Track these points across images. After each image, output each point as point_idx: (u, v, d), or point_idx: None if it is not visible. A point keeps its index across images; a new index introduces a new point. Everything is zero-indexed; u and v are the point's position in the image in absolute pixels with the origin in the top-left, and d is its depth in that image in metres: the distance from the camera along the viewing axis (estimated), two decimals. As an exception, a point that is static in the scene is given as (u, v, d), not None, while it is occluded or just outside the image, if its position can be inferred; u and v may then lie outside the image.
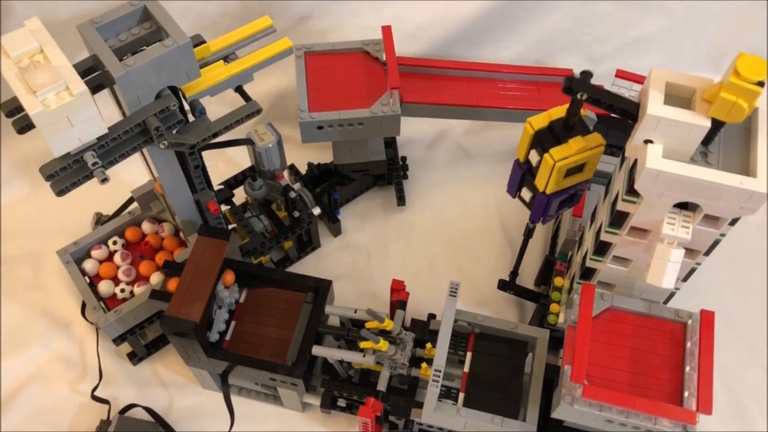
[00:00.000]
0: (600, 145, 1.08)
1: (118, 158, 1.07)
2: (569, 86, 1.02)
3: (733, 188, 0.94)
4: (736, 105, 0.90)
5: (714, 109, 0.92)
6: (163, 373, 1.46)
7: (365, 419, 1.22)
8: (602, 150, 1.09)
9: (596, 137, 1.09)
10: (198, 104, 1.15)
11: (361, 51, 1.52)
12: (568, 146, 1.07)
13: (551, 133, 1.10)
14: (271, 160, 1.43)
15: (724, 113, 0.92)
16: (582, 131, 1.09)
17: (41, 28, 0.97)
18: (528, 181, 1.18)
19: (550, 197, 1.14)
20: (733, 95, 0.89)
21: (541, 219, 1.20)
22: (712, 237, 1.05)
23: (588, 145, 1.08)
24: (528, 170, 1.17)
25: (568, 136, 1.08)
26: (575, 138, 1.08)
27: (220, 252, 1.25)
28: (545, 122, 1.10)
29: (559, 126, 1.09)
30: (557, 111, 1.11)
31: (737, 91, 0.89)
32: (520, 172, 1.18)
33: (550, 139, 1.09)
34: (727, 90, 0.90)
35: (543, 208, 1.16)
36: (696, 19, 1.76)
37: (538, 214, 1.19)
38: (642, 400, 1.04)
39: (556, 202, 1.16)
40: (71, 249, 1.38)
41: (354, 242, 1.65)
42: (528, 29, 1.77)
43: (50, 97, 0.92)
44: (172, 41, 1.01)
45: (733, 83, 0.88)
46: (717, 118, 0.93)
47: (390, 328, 1.21)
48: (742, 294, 1.56)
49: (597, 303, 1.15)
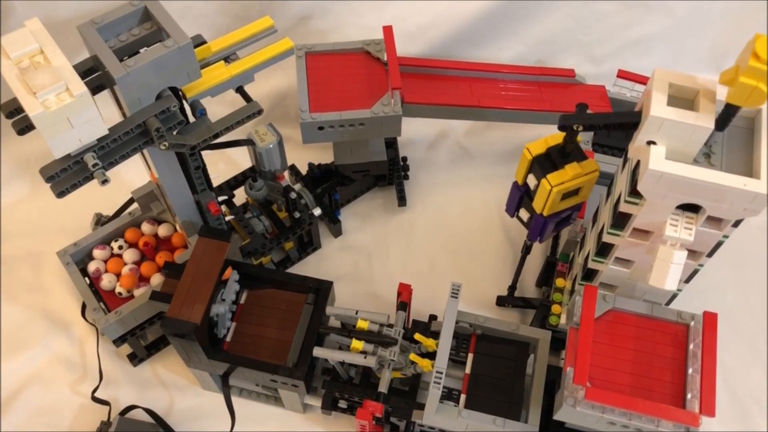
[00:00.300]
0: (594, 170, 1.14)
1: (118, 159, 1.06)
2: (564, 124, 1.09)
3: (737, 190, 0.93)
4: (757, 89, 0.87)
5: (732, 95, 0.90)
6: (163, 374, 1.46)
7: (363, 422, 1.22)
8: (597, 176, 1.15)
9: (591, 163, 1.15)
10: (199, 105, 1.15)
11: (362, 51, 1.52)
12: (564, 172, 1.13)
13: (548, 159, 1.16)
14: (271, 160, 1.42)
15: (743, 98, 0.89)
16: (578, 157, 1.15)
17: (41, 29, 0.96)
18: (526, 202, 1.23)
19: (546, 219, 1.19)
20: (753, 79, 0.86)
21: (538, 238, 1.25)
22: (715, 239, 1.05)
23: (583, 171, 1.14)
24: (526, 192, 1.23)
25: (564, 162, 1.14)
26: (571, 164, 1.14)
27: (221, 253, 1.25)
28: (543, 149, 1.16)
29: (556, 152, 1.15)
30: (554, 138, 1.16)
31: (757, 75, 0.86)
32: (518, 194, 1.24)
33: (548, 164, 1.15)
34: (746, 74, 0.86)
35: (540, 228, 1.22)
36: (697, 19, 1.76)
37: (536, 233, 1.24)
38: (645, 403, 1.04)
39: (553, 223, 1.22)
40: (71, 250, 1.38)
41: (355, 243, 1.65)
42: (529, 29, 1.77)
43: (50, 98, 0.91)
44: (172, 42, 1.01)
45: (752, 67, 0.85)
46: (735, 104, 0.91)
47: (433, 349, 1.23)
48: (744, 295, 1.56)
49: (599, 304, 1.15)
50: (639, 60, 1.78)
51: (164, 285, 1.27)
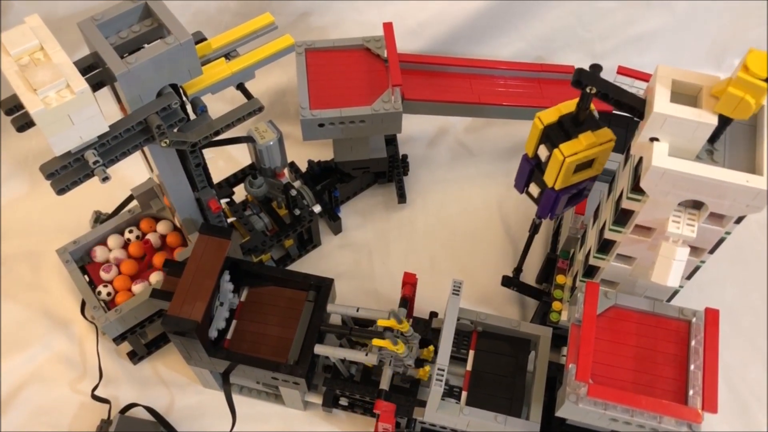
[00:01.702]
0: (610, 140, 1.08)
1: (119, 157, 1.05)
2: (579, 79, 1.01)
3: (739, 186, 0.93)
4: (744, 101, 0.89)
5: (721, 105, 0.91)
6: (163, 372, 1.45)
7: (386, 425, 1.21)
8: (612, 145, 1.09)
9: (606, 132, 1.08)
10: (199, 102, 1.14)
11: (362, 48, 1.51)
12: (578, 141, 1.07)
13: (561, 128, 1.09)
14: (271, 157, 1.42)
15: (730, 109, 0.91)
16: (592, 126, 1.08)
17: (41, 26, 0.96)
18: (536, 176, 1.17)
19: (558, 193, 1.13)
20: (740, 91, 0.89)
21: (549, 215, 1.19)
22: (717, 235, 1.05)
23: (598, 140, 1.07)
24: (536, 166, 1.16)
25: (577, 131, 1.08)
26: (585, 133, 1.07)
27: (222, 251, 1.25)
28: (555, 117, 1.10)
29: (569, 121, 1.09)
30: (567, 106, 1.10)
31: (745, 86, 0.88)
32: (528, 167, 1.18)
33: (560, 134, 1.09)
34: (734, 85, 0.89)
35: (551, 204, 1.16)
36: (698, 16, 1.76)
37: (546, 209, 1.18)
38: (647, 399, 1.04)
39: (565, 198, 1.16)
40: (71, 248, 1.37)
41: (355, 240, 1.64)
42: (529, 26, 1.77)
43: (51, 95, 0.91)
44: (173, 38, 1.00)
45: (741, 78, 0.88)
46: (724, 114, 0.92)
47: (406, 330, 1.21)
48: (745, 292, 1.56)
49: (601, 301, 1.15)
50: (639, 57, 1.78)
51: (165, 283, 1.27)
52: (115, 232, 1.41)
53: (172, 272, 1.27)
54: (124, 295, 1.33)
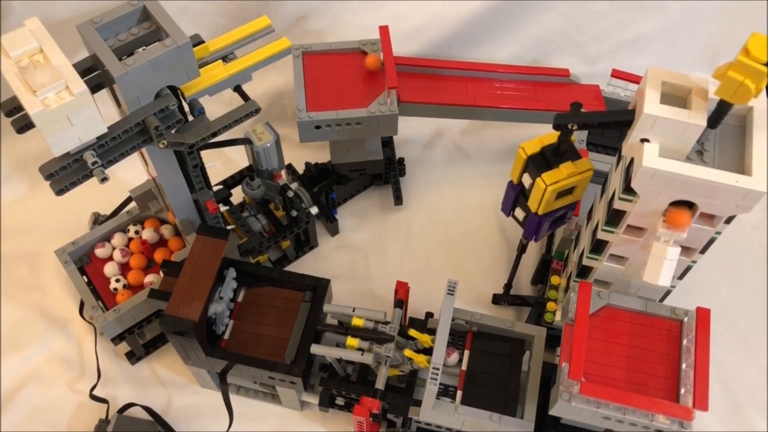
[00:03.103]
0: (589, 170, 1.15)
1: (117, 158, 1.07)
2: (558, 123, 1.10)
3: (729, 186, 0.95)
4: (743, 85, 0.88)
5: (721, 89, 0.91)
6: (161, 372, 1.46)
7: (360, 418, 1.23)
8: (591, 174, 1.16)
9: (585, 162, 1.16)
10: (197, 104, 1.15)
11: (358, 51, 1.53)
12: (559, 171, 1.14)
13: (543, 158, 1.17)
14: (269, 159, 1.43)
15: (730, 93, 0.90)
16: (572, 156, 1.16)
17: (41, 28, 0.97)
18: (521, 201, 1.25)
19: (541, 218, 1.20)
20: (740, 75, 0.88)
21: (534, 237, 1.26)
22: (708, 235, 1.06)
23: (577, 170, 1.15)
24: (521, 191, 1.24)
25: (559, 161, 1.15)
26: (566, 163, 1.15)
27: (219, 251, 1.26)
28: (537, 148, 1.17)
29: (551, 151, 1.16)
30: (548, 137, 1.17)
31: (745, 70, 0.87)
32: (513, 193, 1.25)
33: (542, 163, 1.16)
34: (735, 69, 0.88)
35: (535, 227, 1.23)
36: (691, 19, 1.78)
37: (531, 232, 1.25)
38: (639, 397, 1.05)
39: (548, 222, 1.23)
40: (69, 248, 1.38)
41: (351, 241, 1.66)
42: (524, 29, 1.78)
43: (50, 97, 0.92)
44: (171, 41, 1.01)
45: (741, 62, 0.86)
46: (723, 99, 0.92)
47: (428, 344, 1.24)
48: (738, 291, 1.57)
49: (594, 301, 1.16)
50: (633, 59, 1.79)
51: (162, 283, 1.28)
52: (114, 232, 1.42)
53: (169, 272, 1.28)
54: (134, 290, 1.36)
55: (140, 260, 1.39)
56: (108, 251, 1.40)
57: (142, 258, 1.39)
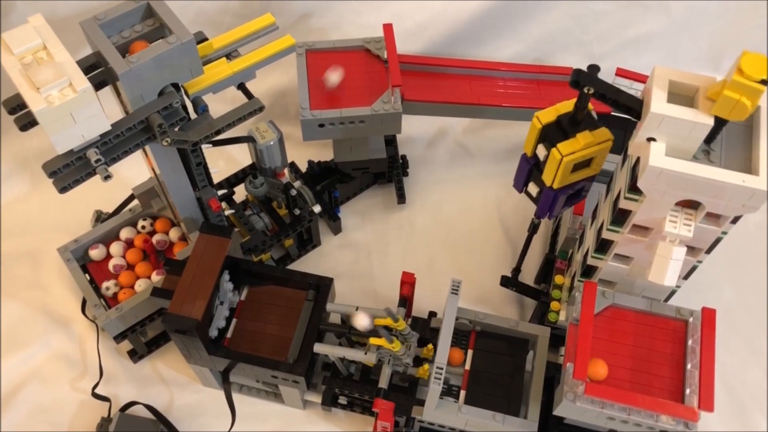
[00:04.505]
0: (608, 139, 1.09)
1: (120, 155, 1.06)
2: (577, 79, 1.02)
3: (736, 186, 0.94)
4: (740, 103, 0.90)
5: (717, 108, 0.92)
6: (163, 370, 1.46)
7: (385, 423, 1.22)
8: (610, 145, 1.09)
9: (604, 132, 1.09)
10: (200, 101, 1.15)
11: (362, 49, 1.52)
12: (575, 141, 1.08)
13: (559, 128, 1.10)
14: (272, 157, 1.43)
15: (727, 111, 0.92)
16: (590, 126, 1.09)
17: (44, 25, 0.96)
18: (535, 175, 1.18)
19: (557, 192, 1.14)
20: (736, 93, 0.90)
21: (548, 214, 1.20)
22: (714, 235, 1.06)
23: (596, 139, 1.08)
24: (535, 165, 1.17)
25: (575, 130, 1.08)
26: (583, 133, 1.08)
27: (222, 249, 1.25)
28: (553, 116, 1.11)
29: (567, 120, 1.10)
30: (565, 105, 1.11)
31: (740, 89, 0.89)
32: (527, 167, 1.18)
33: (558, 133, 1.10)
34: (730, 88, 0.90)
35: (550, 203, 1.17)
36: (695, 18, 1.77)
37: (545, 209, 1.19)
38: (644, 398, 1.05)
39: (563, 198, 1.16)
40: (72, 246, 1.38)
41: (354, 240, 1.65)
42: (528, 28, 1.77)
43: (54, 94, 0.92)
44: (175, 38, 1.01)
45: (736, 81, 0.89)
46: (720, 116, 0.93)
47: (402, 328, 1.22)
48: (742, 292, 1.56)
49: (599, 301, 1.15)
50: (637, 59, 1.79)
51: (165, 281, 1.28)
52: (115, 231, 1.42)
53: (172, 271, 1.27)
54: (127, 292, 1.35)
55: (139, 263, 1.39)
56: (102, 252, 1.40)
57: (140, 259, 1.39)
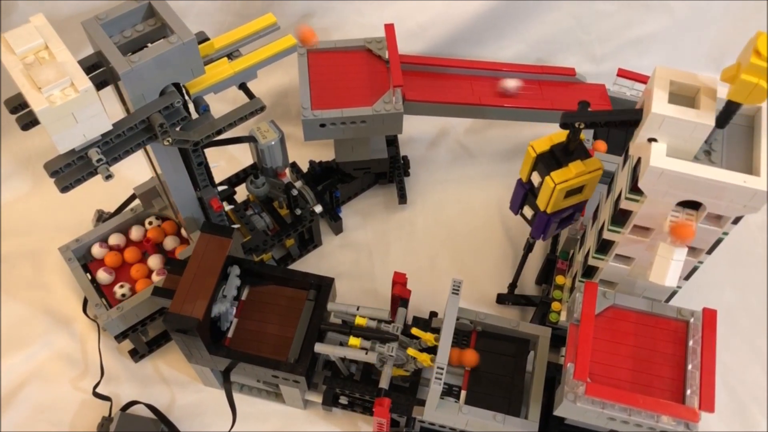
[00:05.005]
0: (598, 168, 1.15)
1: (122, 155, 1.06)
2: (566, 122, 1.09)
3: (737, 187, 0.94)
4: (758, 87, 0.88)
5: (733, 92, 0.91)
6: (164, 370, 1.46)
7: (381, 420, 1.22)
8: (600, 173, 1.16)
9: (594, 161, 1.15)
10: (202, 101, 1.15)
11: (363, 49, 1.52)
12: (568, 170, 1.14)
13: (552, 157, 1.16)
14: (273, 157, 1.43)
15: (744, 96, 0.90)
16: (581, 155, 1.15)
17: (46, 25, 0.97)
18: (530, 200, 1.24)
19: (550, 216, 1.20)
20: (754, 77, 0.87)
21: (542, 236, 1.25)
22: (715, 235, 1.06)
23: (587, 169, 1.14)
24: (530, 190, 1.23)
25: (568, 160, 1.15)
26: (575, 162, 1.14)
27: (223, 249, 1.25)
28: (547, 146, 1.17)
29: (560, 150, 1.16)
30: (558, 136, 1.17)
31: (758, 72, 0.86)
32: (522, 191, 1.25)
33: (552, 162, 1.16)
34: (747, 71, 0.87)
35: (544, 225, 1.22)
36: (697, 18, 1.77)
37: (539, 231, 1.25)
38: (644, 398, 1.05)
39: (556, 221, 1.22)
40: (73, 246, 1.38)
41: (355, 240, 1.65)
42: (530, 28, 1.77)
43: (55, 93, 0.92)
44: (176, 38, 1.01)
45: (754, 64, 0.85)
46: (735, 101, 0.92)
47: (431, 343, 1.24)
48: (743, 293, 1.56)
49: (599, 301, 1.15)
50: (639, 59, 1.79)
51: (166, 281, 1.28)
52: (117, 231, 1.42)
53: (173, 270, 1.28)
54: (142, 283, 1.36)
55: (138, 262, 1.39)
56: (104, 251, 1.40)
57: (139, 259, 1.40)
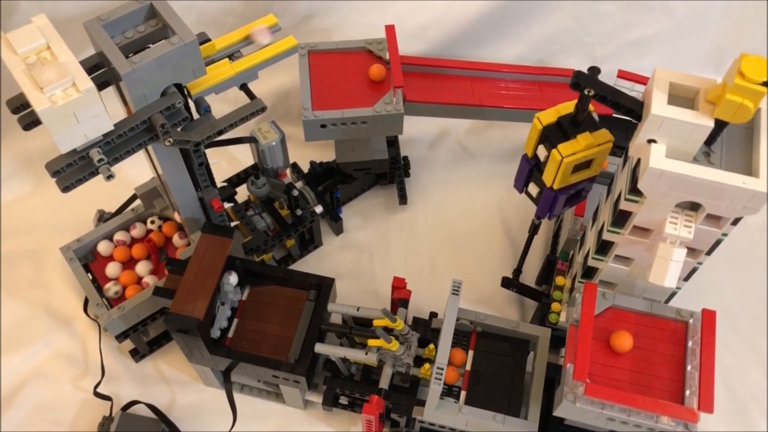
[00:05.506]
0: (608, 141, 1.09)
1: (123, 155, 1.07)
2: (577, 81, 1.03)
3: (736, 188, 0.94)
4: (742, 106, 0.90)
5: (719, 111, 0.92)
6: (165, 370, 1.46)
7: (369, 417, 1.23)
8: (610, 146, 1.10)
9: (604, 133, 1.10)
10: (203, 102, 1.15)
11: (364, 50, 1.52)
12: (576, 142, 1.08)
13: (559, 129, 1.11)
14: (274, 158, 1.43)
15: (729, 114, 0.92)
16: (590, 127, 1.09)
17: (48, 25, 0.97)
18: (535, 176, 1.19)
19: (557, 193, 1.15)
20: (738, 97, 0.90)
21: (548, 215, 1.20)
22: (714, 236, 1.06)
23: (596, 141, 1.09)
24: (535, 165, 1.18)
25: (576, 131, 1.09)
26: (583, 134, 1.08)
27: (224, 249, 1.26)
28: (554, 117, 1.11)
29: (568, 121, 1.10)
30: (565, 107, 1.11)
31: (743, 92, 0.89)
32: (527, 167, 1.19)
33: (559, 134, 1.10)
34: (732, 92, 0.90)
35: (550, 203, 1.17)
36: (697, 20, 1.77)
37: (545, 209, 1.19)
38: (644, 399, 1.05)
39: (563, 198, 1.17)
40: (74, 246, 1.38)
41: (356, 241, 1.65)
42: (530, 29, 1.78)
43: (57, 94, 0.92)
44: (178, 39, 1.01)
45: (738, 85, 0.89)
46: (722, 119, 0.93)
47: (400, 328, 1.22)
48: (742, 293, 1.57)
49: (599, 302, 1.16)
50: (639, 60, 1.79)
51: (167, 281, 1.28)
52: (119, 230, 1.42)
53: (174, 270, 1.28)
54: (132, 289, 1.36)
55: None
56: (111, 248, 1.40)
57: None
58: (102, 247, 1.40)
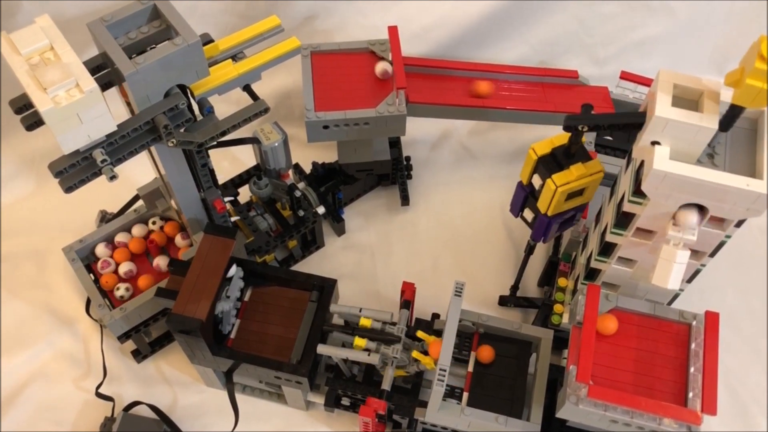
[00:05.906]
0: (599, 171, 1.16)
1: (126, 156, 1.07)
2: (569, 125, 1.09)
3: (740, 190, 0.94)
4: (762, 91, 0.88)
5: (738, 96, 0.91)
6: (167, 370, 1.46)
7: (366, 419, 1.22)
8: (601, 176, 1.16)
9: (596, 164, 1.16)
10: (206, 102, 1.15)
11: (367, 51, 1.52)
12: (569, 172, 1.14)
13: (554, 159, 1.17)
14: (276, 158, 1.43)
15: (749, 100, 0.90)
16: (583, 158, 1.16)
17: (52, 26, 0.97)
18: (530, 202, 1.24)
19: (551, 219, 1.20)
20: (759, 81, 0.87)
21: (542, 238, 1.25)
22: (717, 238, 1.06)
23: (588, 171, 1.15)
24: (530, 193, 1.23)
25: (569, 162, 1.15)
26: (576, 165, 1.15)
27: (227, 250, 1.26)
28: (548, 149, 1.17)
29: (561, 153, 1.17)
30: (559, 138, 1.17)
31: (763, 76, 0.87)
32: (523, 194, 1.25)
33: (553, 164, 1.16)
34: (752, 76, 0.87)
35: (544, 228, 1.23)
36: (700, 21, 1.77)
37: (540, 233, 1.25)
38: (647, 401, 1.05)
39: (557, 224, 1.23)
40: (77, 246, 1.38)
41: (358, 242, 1.65)
42: (533, 30, 1.78)
43: (60, 94, 0.92)
44: (181, 40, 1.01)
45: (758, 69, 0.86)
46: (740, 105, 0.92)
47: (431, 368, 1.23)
48: (745, 295, 1.56)
49: (602, 303, 1.15)
50: (642, 62, 1.79)
51: (169, 281, 1.28)
52: (121, 230, 1.42)
53: (176, 271, 1.28)
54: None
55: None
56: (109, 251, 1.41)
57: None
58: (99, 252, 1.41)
